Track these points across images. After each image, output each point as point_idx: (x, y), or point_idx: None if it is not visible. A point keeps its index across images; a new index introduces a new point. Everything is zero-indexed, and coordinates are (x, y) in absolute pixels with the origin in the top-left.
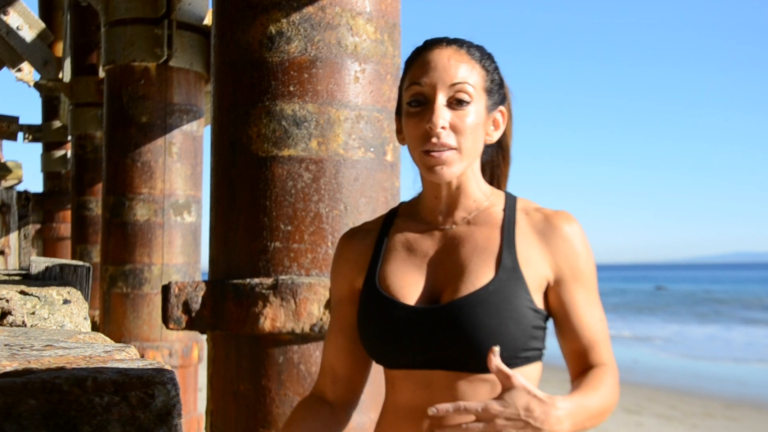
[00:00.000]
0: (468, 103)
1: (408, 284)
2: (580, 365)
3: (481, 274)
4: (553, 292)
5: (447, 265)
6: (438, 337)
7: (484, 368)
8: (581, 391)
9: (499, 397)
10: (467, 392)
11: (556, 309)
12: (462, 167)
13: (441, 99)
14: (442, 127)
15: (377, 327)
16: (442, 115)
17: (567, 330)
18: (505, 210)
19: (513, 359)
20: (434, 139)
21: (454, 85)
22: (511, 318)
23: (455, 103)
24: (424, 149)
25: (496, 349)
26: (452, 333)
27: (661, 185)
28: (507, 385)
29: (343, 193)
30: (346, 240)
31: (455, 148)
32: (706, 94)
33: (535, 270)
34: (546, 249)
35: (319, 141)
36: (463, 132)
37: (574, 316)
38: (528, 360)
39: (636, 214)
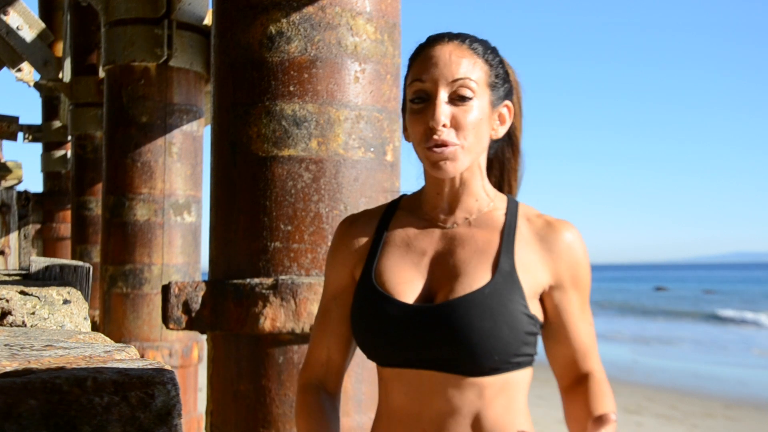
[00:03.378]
0: (470, 98)
1: (404, 281)
2: (571, 373)
3: (477, 277)
4: (549, 297)
5: (445, 265)
6: (430, 336)
7: (474, 371)
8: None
9: None
10: (455, 396)
11: (552, 314)
12: (466, 162)
13: (443, 95)
14: (444, 125)
15: (370, 322)
16: (444, 111)
17: (561, 336)
18: (506, 214)
19: (505, 364)
20: (436, 136)
21: (455, 80)
22: (505, 322)
23: (457, 99)
24: (427, 146)
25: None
26: (445, 333)
27: (662, 185)
28: None
29: (343, 193)
30: (346, 227)
31: (458, 144)
32: (706, 94)
33: (533, 276)
34: (547, 255)
35: (319, 141)
36: (465, 128)
37: (570, 323)
38: (519, 365)
39: (636, 214)
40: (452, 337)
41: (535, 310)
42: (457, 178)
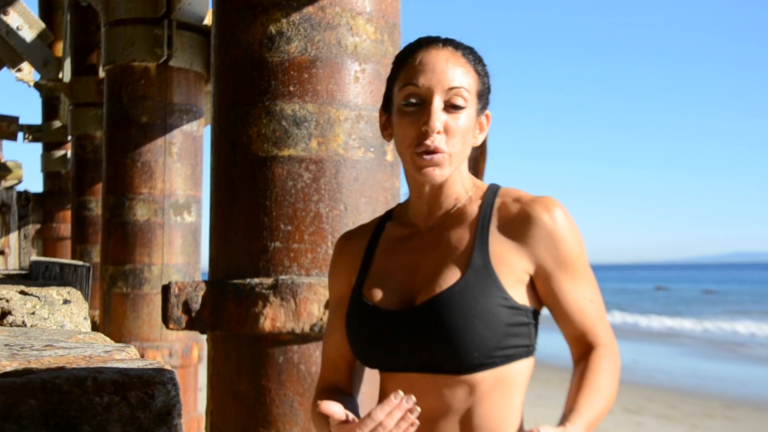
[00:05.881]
0: (463, 107)
1: (389, 289)
2: (580, 347)
3: (449, 275)
4: (539, 281)
5: (423, 267)
6: (411, 339)
7: (459, 369)
8: (585, 399)
9: None
10: (446, 395)
11: (546, 298)
12: (451, 170)
13: (438, 102)
14: (438, 131)
15: (360, 333)
16: (439, 118)
17: (562, 316)
18: (482, 206)
19: (489, 359)
20: (428, 142)
21: (451, 89)
22: (477, 318)
23: (451, 106)
24: (417, 151)
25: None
26: (422, 335)
27: (662, 185)
28: None
29: (343, 193)
30: (342, 244)
31: (447, 153)
32: (706, 94)
33: (511, 266)
34: (524, 241)
35: (319, 141)
36: (456, 136)
37: (565, 303)
38: (509, 358)
39: (636, 214)
40: (428, 338)
41: (521, 298)
42: None
